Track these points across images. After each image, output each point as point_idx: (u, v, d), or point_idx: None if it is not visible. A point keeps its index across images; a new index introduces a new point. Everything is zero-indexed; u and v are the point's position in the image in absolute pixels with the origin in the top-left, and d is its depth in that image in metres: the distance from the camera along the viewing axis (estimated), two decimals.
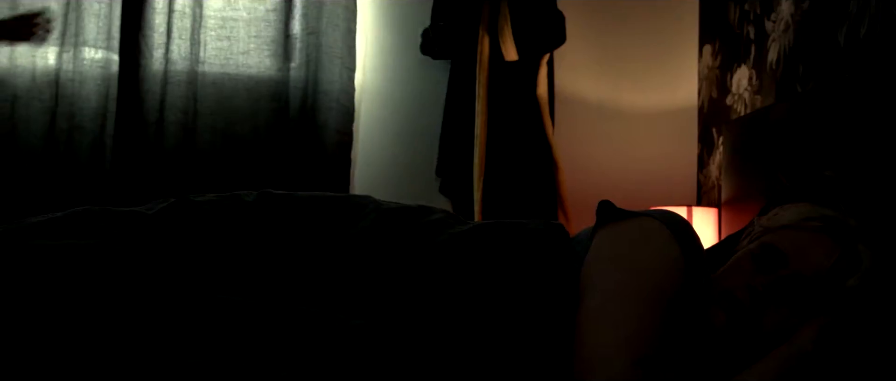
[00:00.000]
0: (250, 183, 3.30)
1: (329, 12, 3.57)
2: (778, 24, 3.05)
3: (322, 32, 3.57)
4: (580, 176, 3.77)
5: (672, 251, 1.46)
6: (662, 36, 3.90)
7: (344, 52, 3.58)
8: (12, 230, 1.42)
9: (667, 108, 3.89)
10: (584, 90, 3.86)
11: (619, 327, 1.38)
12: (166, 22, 3.44)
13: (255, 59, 3.55)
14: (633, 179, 3.82)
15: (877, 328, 1.45)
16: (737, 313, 1.45)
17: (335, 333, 1.33)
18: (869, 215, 1.60)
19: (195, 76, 3.47)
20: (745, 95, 3.33)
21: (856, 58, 2.45)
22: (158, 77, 3.43)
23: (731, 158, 3.15)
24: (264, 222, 1.55)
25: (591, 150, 3.85)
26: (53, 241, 1.39)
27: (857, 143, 2.17)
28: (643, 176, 3.83)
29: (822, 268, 1.43)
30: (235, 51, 3.54)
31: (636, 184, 3.81)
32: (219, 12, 3.53)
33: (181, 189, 3.34)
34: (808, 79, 2.77)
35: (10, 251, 1.35)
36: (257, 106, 3.52)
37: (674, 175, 3.86)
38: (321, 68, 3.56)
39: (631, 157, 3.86)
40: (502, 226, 1.62)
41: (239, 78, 3.54)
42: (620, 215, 1.58)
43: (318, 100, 3.55)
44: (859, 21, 2.44)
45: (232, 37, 3.54)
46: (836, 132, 2.29)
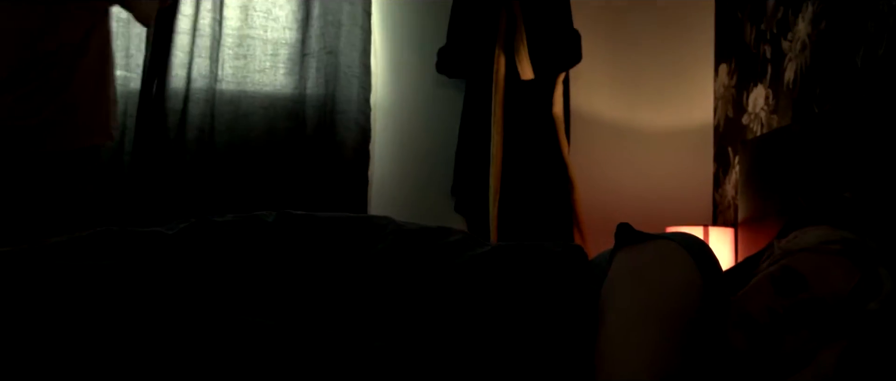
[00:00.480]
0: (268, 201, 3.32)
1: (346, 32, 3.59)
2: (794, 44, 3.04)
3: (340, 51, 3.58)
4: (596, 195, 3.77)
5: (691, 274, 1.46)
6: (678, 54, 3.90)
7: (360, 71, 3.59)
8: (34, 251, 1.42)
9: (682, 127, 3.89)
10: (599, 109, 3.86)
11: (639, 349, 1.38)
12: (190, 42, 3.47)
13: (271, 77, 3.57)
14: (648, 198, 3.81)
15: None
16: (757, 337, 1.45)
17: (356, 354, 1.33)
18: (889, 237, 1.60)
19: (213, 94, 3.49)
20: (762, 114, 3.33)
21: (873, 78, 2.44)
22: (180, 95, 3.45)
23: (748, 177, 3.14)
24: (284, 243, 1.56)
25: (606, 169, 3.84)
26: (75, 262, 1.39)
27: (876, 164, 2.16)
28: (659, 195, 3.82)
29: (842, 292, 1.43)
30: (252, 69, 3.56)
31: (652, 203, 3.80)
32: (237, 31, 3.55)
33: (199, 206, 3.36)
34: (826, 99, 2.77)
35: (33, 272, 1.35)
36: (274, 124, 3.54)
37: (689, 194, 3.85)
38: (338, 87, 3.57)
39: (647, 176, 3.85)
40: (521, 248, 1.62)
41: (256, 96, 3.55)
42: (639, 237, 1.58)
43: (336, 118, 3.56)
44: (877, 42, 2.44)
45: (249, 55, 3.56)
46: (855, 153, 2.29)
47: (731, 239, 3.33)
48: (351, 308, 1.45)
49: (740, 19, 3.61)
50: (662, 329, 1.41)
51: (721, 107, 3.80)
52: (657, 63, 3.88)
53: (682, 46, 3.90)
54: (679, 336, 1.42)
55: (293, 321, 1.40)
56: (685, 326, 1.43)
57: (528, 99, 3.59)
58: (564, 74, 3.64)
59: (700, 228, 3.30)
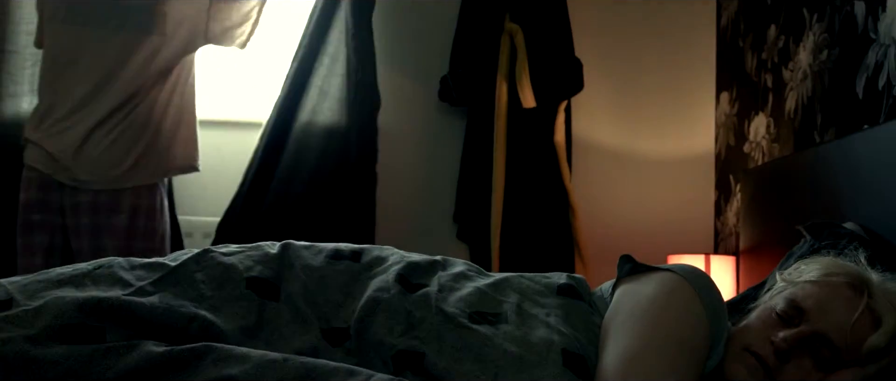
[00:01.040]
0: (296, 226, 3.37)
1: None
2: (795, 73, 3.05)
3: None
4: (597, 222, 3.77)
5: (695, 307, 1.47)
6: (679, 83, 3.91)
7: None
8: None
9: (684, 155, 3.90)
10: (601, 137, 3.87)
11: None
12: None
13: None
14: (650, 225, 3.82)
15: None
16: (758, 369, 1.45)
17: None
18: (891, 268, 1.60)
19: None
20: (763, 143, 3.34)
21: (874, 108, 2.45)
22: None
23: (749, 206, 3.15)
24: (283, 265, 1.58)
25: (608, 196, 3.85)
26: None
27: (878, 194, 2.17)
28: (660, 223, 3.83)
29: (845, 323, 1.43)
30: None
31: (653, 231, 3.80)
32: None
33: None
34: (827, 128, 2.78)
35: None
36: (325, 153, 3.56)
37: (691, 222, 3.86)
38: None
39: (648, 203, 3.86)
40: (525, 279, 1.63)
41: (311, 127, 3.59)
42: (642, 268, 1.58)
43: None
44: (878, 72, 2.45)
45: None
46: (857, 183, 2.29)
47: (732, 267, 3.33)
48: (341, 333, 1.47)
49: (741, 48, 3.63)
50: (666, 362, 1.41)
51: (722, 135, 3.81)
52: (659, 91, 3.89)
53: (684, 74, 3.92)
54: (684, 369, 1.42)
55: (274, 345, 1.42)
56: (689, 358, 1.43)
57: (530, 127, 3.60)
58: (566, 102, 3.65)
59: (701, 256, 3.30)
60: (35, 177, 2.92)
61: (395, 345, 1.43)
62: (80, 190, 2.86)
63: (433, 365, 1.40)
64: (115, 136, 2.87)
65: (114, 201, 2.87)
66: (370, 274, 1.61)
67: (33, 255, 2.91)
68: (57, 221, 2.91)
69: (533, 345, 1.44)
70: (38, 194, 2.91)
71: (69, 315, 1.33)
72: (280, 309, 1.50)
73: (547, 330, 1.48)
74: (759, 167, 3.19)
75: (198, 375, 1.28)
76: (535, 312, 1.54)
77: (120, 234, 2.88)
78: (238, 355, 1.31)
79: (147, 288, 1.47)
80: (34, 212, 2.91)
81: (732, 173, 3.65)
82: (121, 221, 2.88)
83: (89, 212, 2.86)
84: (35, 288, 1.44)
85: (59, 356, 1.27)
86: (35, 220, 2.91)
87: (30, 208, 2.92)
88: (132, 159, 2.89)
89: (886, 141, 2.16)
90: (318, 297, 1.54)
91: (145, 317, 1.37)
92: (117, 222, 2.88)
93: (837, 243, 1.93)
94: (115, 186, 2.87)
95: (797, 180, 2.69)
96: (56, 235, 2.92)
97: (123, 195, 2.89)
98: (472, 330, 1.45)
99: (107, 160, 2.86)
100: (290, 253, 1.62)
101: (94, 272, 1.51)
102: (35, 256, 2.90)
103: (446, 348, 1.43)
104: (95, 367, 1.27)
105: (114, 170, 2.86)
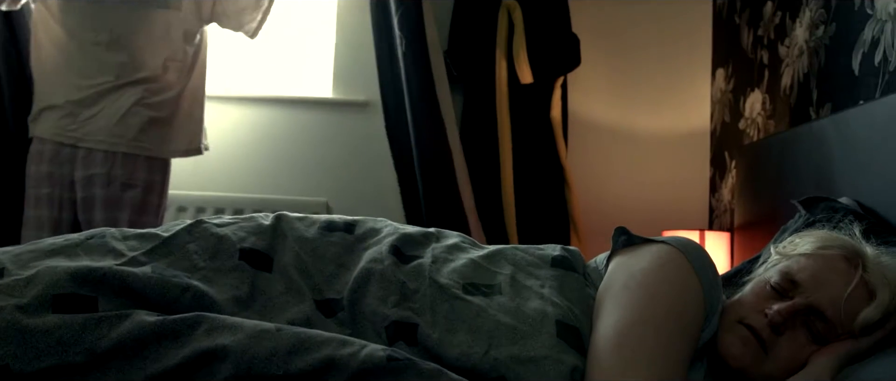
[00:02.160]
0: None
1: None
2: (792, 50, 3.05)
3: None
4: (593, 198, 3.77)
5: (689, 279, 1.46)
6: (676, 59, 3.91)
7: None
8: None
9: (679, 131, 3.89)
10: (597, 113, 3.87)
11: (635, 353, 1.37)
12: None
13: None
14: (645, 202, 3.82)
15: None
16: (752, 341, 1.45)
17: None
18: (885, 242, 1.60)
19: None
20: (759, 119, 3.33)
21: (871, 84, 2.45)
22: None
23: (744, 182, 3.15)
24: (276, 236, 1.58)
25: (603, 173, 3.85)
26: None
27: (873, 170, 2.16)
28: (655, 199, 3.83)
29: (839, 296, 1.43)
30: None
31: (648, 207, 3.80)
32: None
33: None
34: (823, 104, 2.77)
35: None
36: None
37: (686, 199, 3.86)
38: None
39: (643, 180, 3.86)
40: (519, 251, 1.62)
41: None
42: (636, 240, 1.58)
43: None
44: (874, 47, 2.44)
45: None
46: (852, 159, 2.29)
47: (727, 243, 3.33)
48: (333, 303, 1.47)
49: (737, 24, 3.62)
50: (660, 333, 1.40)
51: (718, 112, 3.80)
52: (655, 68, 3.89)
53: (680, 51, 3.91)
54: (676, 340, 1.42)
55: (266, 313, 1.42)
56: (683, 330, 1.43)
57: (527, 103, 3.59)
58: (563, 78, 3.65)
59: (696, 232, 3.30)
60: (45, 150, 2.92)
61: (388, 316, 1.43)
62: (95, 161, 2.86)
63: (426, 336, 1.40)
64: (128, 103, 2.87)
65: (129, 174, 2.88)
66: (364, 245, 1.61)
67: (40, 229, 2.91)
68: (66, 195, 2.92)
69: (527, 316, 1.44)
70: (48, 167, 2.91)
71: (61, 285, 1.33)
72: (273, 280, 1.50)
73: (541, 302, 1.48)
74: (754, 143, 3.18)
75: (190, 344, 1.28)
76: (530, 283, 1.53)
77: (133, 208, 2.88)
78: (230, 324, 1.31)
79: (140, 258, 1.46)
80: (43, 186, 2.92)
81: (728, 150, 3.65)
82: (136, 195, 2.89)
83: (103, 184, 2.86)
84: (27, 258, 1.43)
85: (50, 326, 1.27)
86: (43, 193, 2.92)
87: (39, 182, 2.92)
88: (144, 125, 2.89)
89: (882, 116, 2.15)
90: (311, 268, 1.54)
91: (138, 287, 1.37)
92: (131, 196, 2.88)
93: (832, 217, 1.93)
94: (126, 150, 2.86)
95: (792, 156, 2.69)
96: (65, 209, 2.92)
97: (138, 169, 2.89)
98: (466, 301, 1.45)
99: (119, 123, 2.86)
100: (283, 224, 1.62)
101: (87, 242, 1.50)
102: (42, 230, 2.91)
103: (440, 319, 1.42)
104: (87, 336, 1.27)
105: (127, 132, 2.86)
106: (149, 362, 1.27)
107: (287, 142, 3.81)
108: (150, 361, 1.27)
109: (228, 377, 1.25)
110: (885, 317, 1.42)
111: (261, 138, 3.81)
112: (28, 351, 1.24)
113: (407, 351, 1.36)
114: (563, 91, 3.67)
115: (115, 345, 1.27)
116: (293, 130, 3.82)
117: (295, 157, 3.81)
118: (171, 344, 1.28)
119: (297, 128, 3.82)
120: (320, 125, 3.79)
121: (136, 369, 1.27)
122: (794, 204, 2.16)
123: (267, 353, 1.27)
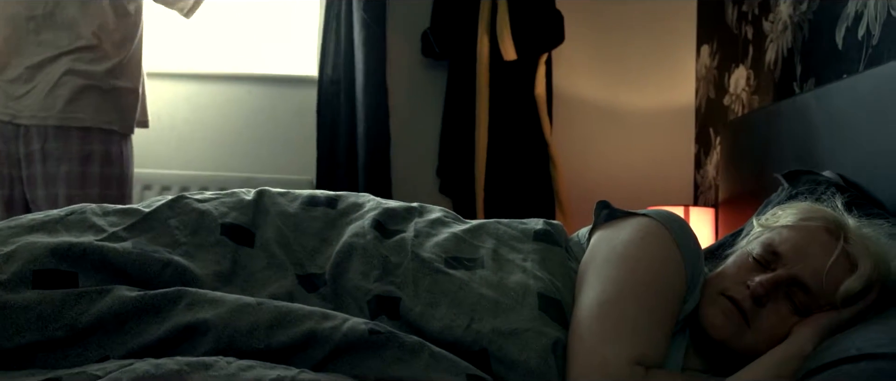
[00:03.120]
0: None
1: None
2: (776, 25, 3.05)
3: None
4: (578, 175, 3.78)
5: (671, 252, 1.47)
6: (660, 36, 3.90)
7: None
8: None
9: (664, 108, 3.89)
10: (582, 90, 3.86)
11: (617, 325, 1.38)
12: None
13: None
14: (630, 178, 3.82)
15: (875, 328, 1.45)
16: (734, 313, 1.45)
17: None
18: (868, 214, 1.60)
19: None
20: (743, 95, 3.33)
21: (854, 58, 2.45)
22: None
23: (729, 158, 3.15)
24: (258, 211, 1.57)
25: (588, 149, 3.85)
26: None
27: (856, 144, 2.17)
28: (640, 176, 3.83)
29: (821, 268, 1.43)
30: None
31: (633, 183, 3.81)
32: None
33: None
34: (806, 79, 2.78)
35: None
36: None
37: (671, 175, 3.86)
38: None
39: (628, 156, 3.86)
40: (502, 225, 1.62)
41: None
42: (618, 214, 1.58)
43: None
44: (858, 22, 2.44)
45: None
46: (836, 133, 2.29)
47: (711, 219, 3.34)
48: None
49: (722, 0, 3.62)
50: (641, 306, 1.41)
51: (703, 88, 3.81)
52: (639, 44, 3.88)
53: (664, 27, 3.90)
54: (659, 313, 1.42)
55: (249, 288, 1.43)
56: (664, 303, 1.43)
57: (511, 80, 3.58)
58: (547, 54, 3.64)
59: (681, 208, 3.31)
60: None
61: (370, 290, 1.43)
62: (32, 137, 2.84)
63: (409, 310, 1.40)
64: (58, 74, 2.83)
65: (62, 149, 2.84)
66: (346, 220, 1.61)
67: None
68: (15, 172, 2.89)
69: (509, 289, 1.44)
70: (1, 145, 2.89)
71: (41, 260, 1.32)
72: (255, 255, 1.50)
73: (523, 275, 1.48)
74: (738, 119, 3.19)
75: (171, 319, 1.28)
76: (512, 257, 1.54)
77: (73, 182, 2.86)
78: (211, 299, 1.31)
79: (120, 234, 1.45)
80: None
81: (712, 126, 3.65)
82: (72, 168, 2.86)
83: (41, 160, 2.84)
84: (6, 234, 1.42)
85: (30, 301, 1.26)
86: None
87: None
88: (74, 95, 2.84)
89: (864, 90, 2.16)
90: (293, 243, 1.54)
91: (118, 262, 1.36)
92: (68, 169, 2.85)
93: (815, 190, 1.93)
94: (56, 124, 2.83)
95: (776, 131, 2.69)
96: (15, 187, 2.90)
97: (71, 141, 2.85)
98: (448, 275, 1.45)
99: (49, 95, 2.83)
100: (265, 199, 1.62)
101: (67, 218, 1.49)
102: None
103: (422, 292, 1.43)
104: (68, 312, 1.27)
105: (56, 104, 2.83)
106: (130, 337, 1.27)
107: (273, 120, 3.79)
108: (130, 336, 1.27)
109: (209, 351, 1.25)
110: (867, 288, 1.42)
111: (245, 116, 3.78)
112: (8, 327, 1.24)
113: (389, 325, 1.37)
114: (547, 68, 3.66)
115: (96, 320, 1.27)
116: (278, 108, 3.80)
117: (280, 135, 3.79)
118: (152, 319, 1.28)
119: (284, 106, 3.80)
120: (307, 103, 3.76)
121: (117, 344, 1.27)
122: (777, 177, 2.16)
123: (248, 327, 1.27)
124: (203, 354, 1.24)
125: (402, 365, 1.27)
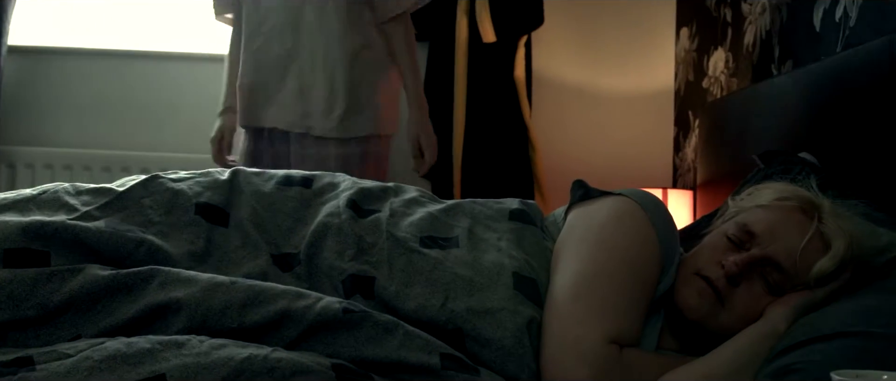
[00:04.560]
0: None
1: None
2: (754, 7, 3.05)
3: None
4: (557, 158, 3.78)
5: (646, 231, 1.47)
6: (640, 18, 3.90)
7: None
8: None
9: (644, 91, 3.90)
10: (561, 72, 3.86)
11: (592, 304, 1.38)
12: None
13: None
14: (609, 161, 3.83)
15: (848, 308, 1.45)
16: (708, 293, 1.45)
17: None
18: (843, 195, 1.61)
19: None
20: (722, 77, 3.34)
21: (831, 40, 2.46)
22: None
23: (707, 140, 3.16)
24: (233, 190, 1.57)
25: (567, 132, 3.85)
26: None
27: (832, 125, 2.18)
28: (619, 158, 3.84)
29: (795, 247, 1.43)
30: None
31: (612, 166, 3.81)
32: None
33: None
34: (784, 61, 2.78)
35: None
36: None
37: (650, 158, 3.87)
38: None
39: (607, 139, 3.86)
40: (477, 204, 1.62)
41: None
42: (594, 193, 1.58)
43: None
44: (835, 4, 2.45)
45: None
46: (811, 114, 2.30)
47: (690, 201, 3.35)
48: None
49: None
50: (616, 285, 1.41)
51: (682, 71, 3.81)
52: (619, 27, 3.88)
53: (644, 10, 3.90)
54: (633, 292, 1.43)
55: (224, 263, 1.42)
56: (639, 282, 1.44)
57: (490, 62, 3.58)
58: (526, 37, 3.63)
59: (660, 190, 3.32)
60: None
61: (345, 269, 1.43)
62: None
63: (383, 289, 1.40)
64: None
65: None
66: (321, 200, 1.60)
67: None
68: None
69: (484, 269, 1.44)
70: None
71: (13, 239, 1.31)
72: (229, 235, 1.49)
73: (498, 254, 1.48)
74: (716, 101, 3.19)
75: (144, 298, 1.27)
76: (487, 236, 1.54)
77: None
78: (185, 278, 1.30)
79: (93, 213, 1.44)
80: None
81: (691, 109, 3.66)
82: None
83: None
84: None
85: (2, 281, 1.26)
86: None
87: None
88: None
89: (842, 71, 2.17)
90: (268, 223, 1.53)
91: (91, 242, 1.35)
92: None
93: (790, 170, 1.94)
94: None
95: (754, 113, 2.70)
96: None
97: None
98: (423, 254, 1.45)
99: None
100: (240, 179, 1.61)
101: (39, 197, 1.48)
102: None
103: (397, 272, 1.42)
104: (40, 291, 1.26)
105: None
106: (102, 316, 1.26)
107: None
108: (103, 315, 1.27)
109: (182, 329, 1.25)
110: (840, 268, 1.43)
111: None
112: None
113: (363, 304, 1.37)
114: (526, 50, 3.66)
115: (68, 300, 1.26)
116: None
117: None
118: (124, 298, 1.27)
119: None
120: None
121: (90, 323, 1.26)
122: (753, 158, 2.17)
123: (221, 306, 1.27)
124: (176, 333, 1.24)
125: (376, 344, 1.27)
